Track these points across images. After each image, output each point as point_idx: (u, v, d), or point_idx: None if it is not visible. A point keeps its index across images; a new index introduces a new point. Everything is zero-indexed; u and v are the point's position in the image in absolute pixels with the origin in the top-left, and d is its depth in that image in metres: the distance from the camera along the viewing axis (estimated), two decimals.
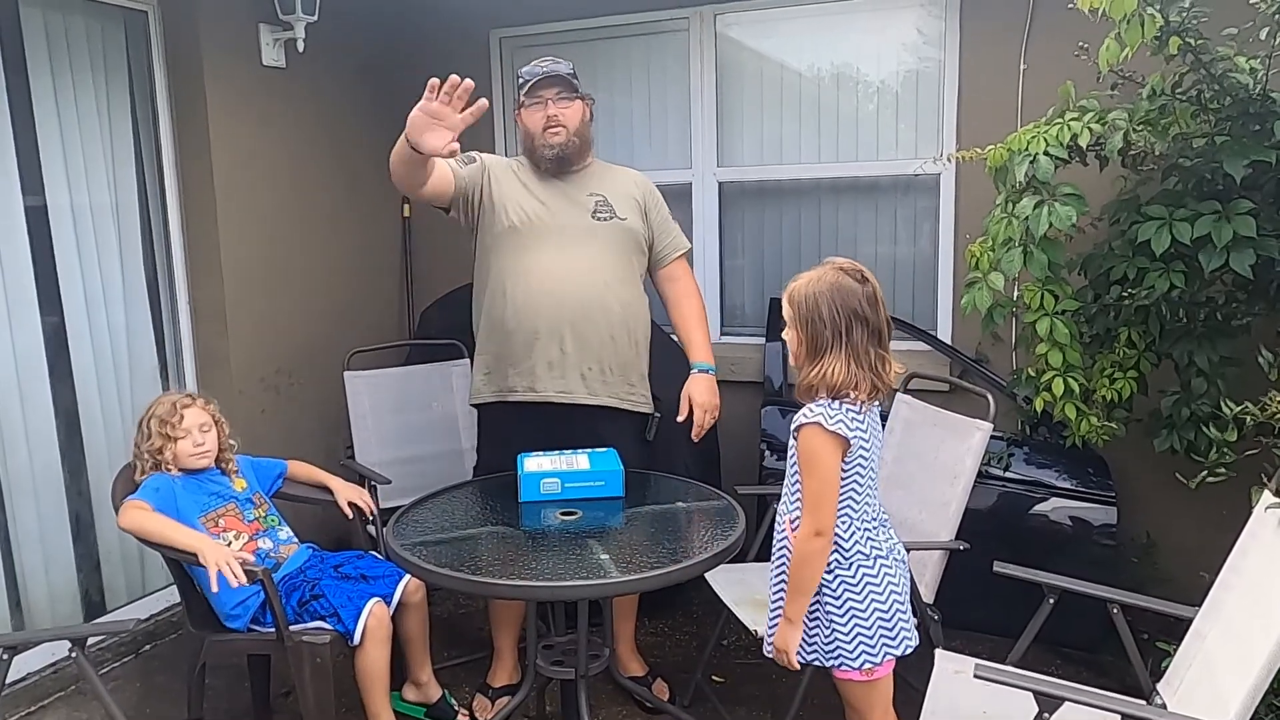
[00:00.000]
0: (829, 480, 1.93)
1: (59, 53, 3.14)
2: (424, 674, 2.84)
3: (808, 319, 1.94)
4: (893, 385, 2.01)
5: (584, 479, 2.53)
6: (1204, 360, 2.77)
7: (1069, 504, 3.17)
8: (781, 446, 3.51)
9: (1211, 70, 2.51)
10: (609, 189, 2.82)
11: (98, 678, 2.18)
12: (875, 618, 1.98)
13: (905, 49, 3.71)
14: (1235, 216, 2.50)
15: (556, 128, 2.71)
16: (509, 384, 2.79)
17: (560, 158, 2.74)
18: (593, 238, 2.75)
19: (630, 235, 2.81)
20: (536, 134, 2.74)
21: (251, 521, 2.72)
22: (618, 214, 2.79)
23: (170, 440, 2.63)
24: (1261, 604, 1.89)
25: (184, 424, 2.65)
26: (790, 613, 2.01)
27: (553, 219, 2.74)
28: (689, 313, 2.95)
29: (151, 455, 2.63)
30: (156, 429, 2.64)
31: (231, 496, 2.72)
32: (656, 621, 3.52)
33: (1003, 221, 2.72)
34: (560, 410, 2.75)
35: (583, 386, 2.76)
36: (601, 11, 4.02)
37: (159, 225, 3.52)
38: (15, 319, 3.06)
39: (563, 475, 2.52)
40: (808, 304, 1.94)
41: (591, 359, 2.74)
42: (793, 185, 3.99)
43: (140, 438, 2.67)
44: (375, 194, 4.24)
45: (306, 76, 3.81)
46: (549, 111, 2.70)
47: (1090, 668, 3.09)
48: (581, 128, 2.77)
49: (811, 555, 1.95)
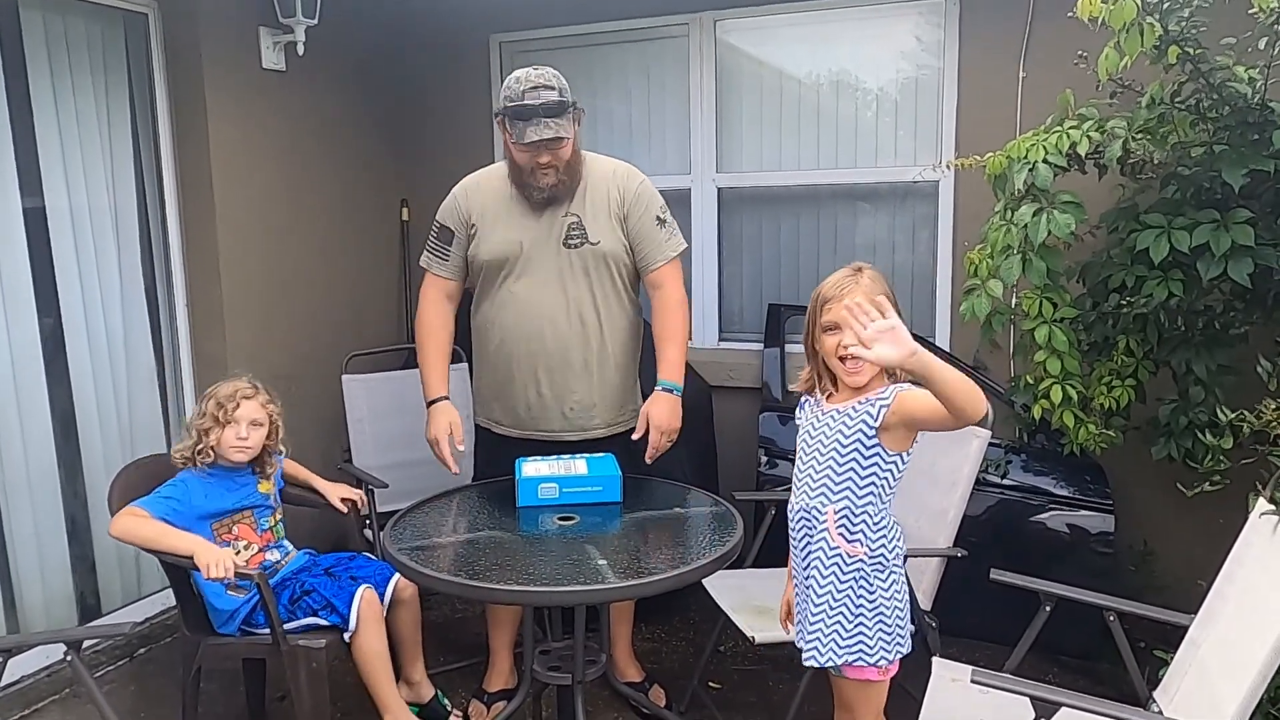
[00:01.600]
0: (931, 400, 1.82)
1: (58, 55, 3.14)
2: (416, 672, 2.84)
3: (892, 301, 1.88)
4: None
5: (582, 484, 2.52)
6: (1202, 368, 2.77)
7: (1066, 512, 3.18)
8: (780, 452, 3.51)
9: (1210, 79, 2.52)
10: (588, 204, 2.69)
11: (93, 681, 2.17)
12: (895, 618, 1.99)
13: (904, 56, 3.72)
14: (1234, 225, 2.51)
15: (547, 169, 2.59)
16: (494, 416, 2.82)
17: (550, 200, 2.65)
18: (566, 267, 2.67)
19: (604, 256, 2.69)
20: (525, 170, 2.61)
21: (264, 532, 2.71)
22: (590, 238, 2.67)
23: (219, 424, 2.60)
24: (1256, 611, 1.89)
25: (237, 412, 2.61)
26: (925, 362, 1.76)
27: (525, 252, 2.67)
28: (666, 327, 2.75)
29: (199, 434, 2.60)
30: (211, 409, 2.61)
31: (250, 503, 2.68)
32: (653, 627, 3.52)
33: (1002, 229, 2.72)
34: (546, 444, 2.75)
35: (565, 424, 2.76)
36: (601, 17, 4.03)
37: (157, 228, 3.52)
38: (12, 321, 3.05)
39: (560, 480, 2.51)
40: (886, 291, 1.95)
41: (572, 399, 2.73)
42: (791, 192, 3.99)
43: (196, 413, 2.65)
44: (374, 197, 4.25)
45: (306, 80, 3.82)
46: (540, 160, 2.57)
47: (1087, 675, 3.09)
48: (573, 159, 2.64)
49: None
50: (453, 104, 4.35)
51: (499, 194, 2.73)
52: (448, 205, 2.79)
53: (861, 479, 1.99)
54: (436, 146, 4.37)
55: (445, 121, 4.37)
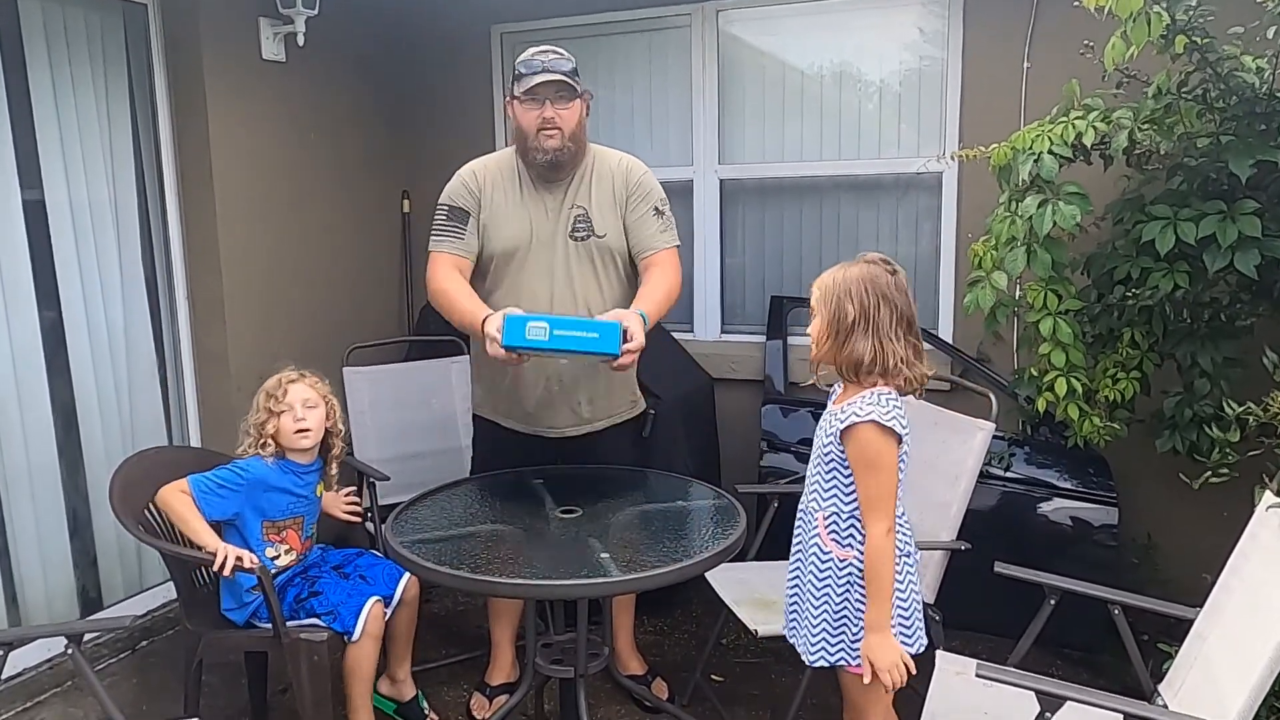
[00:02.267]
0: (892, 477, 1.91)
1: (58, 46, 3.13)
2: (402, 671, 2.82)
3: (831, 297, 1.94)
4: (925, 379, 1.98)
5: (576, 328, 2.30)
6: (1207, 361, 2.76)
7: (1070, 504, 3.17)
8: (782, 444, 3.50)
9: (1218, 69, 2.50)
10: (594, 196, 2.69)
11: (94, 674, 2.16)
12: (897, 615, 1.97)
13: (908, 47, 3.69)
14: (1240, 216, 2.49)
15: (552, 130, 2.57)
16: (499, 411, 2.79)
17: (554, 164, 2.62)
18: (573, 259, 2.66)
19: (610, 249, 2.69)
20: (530, 134, 2.59)
21: (308, 538, 2.70)
22: (595, 230, 2.67)
23: (274, 415, 2.57)
24: (1262, 606, 1.88)
25: (287, 398, 2.58)
26: (878, 620, 1.92)
27: (535, 242, 2.66)
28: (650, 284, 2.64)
29: (257, 430, 2.57)
30: (263, 402, 2.59)
31: (304, 510, 2.67)
32: (656, 620, 3.51)
33: (1006, 220, 2.71)
34: (553, 440, 2.73)
35: (574, 418, 2.73)
36: (604, 7, 4.01)
37: (157, 220, 3.51)
38: (13, 315, 3.04)
39: (552, 321, 2.30)
40: (835, 286, 1.95)
41: (581, 393, 2.71)
42: (794, 183, 3.97)
43: (250, 413, 2.61)
44: (375, 189, 4.23)
45: (306, 71, 3.80)
46: (545, 114, 2.56)
47: (1090, 669, 3.08)
48: (578, 129, 2.63)
49: (886, 555, 1.91)
50: (454, 95, 4.33)
51: (505, 181, 2.71)
52: (456, 188, 2.72)
53: (845, 484, 1.98)
54: (438, 138, 4.36)
55: (447, 113, 4.35)
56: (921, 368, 1.97)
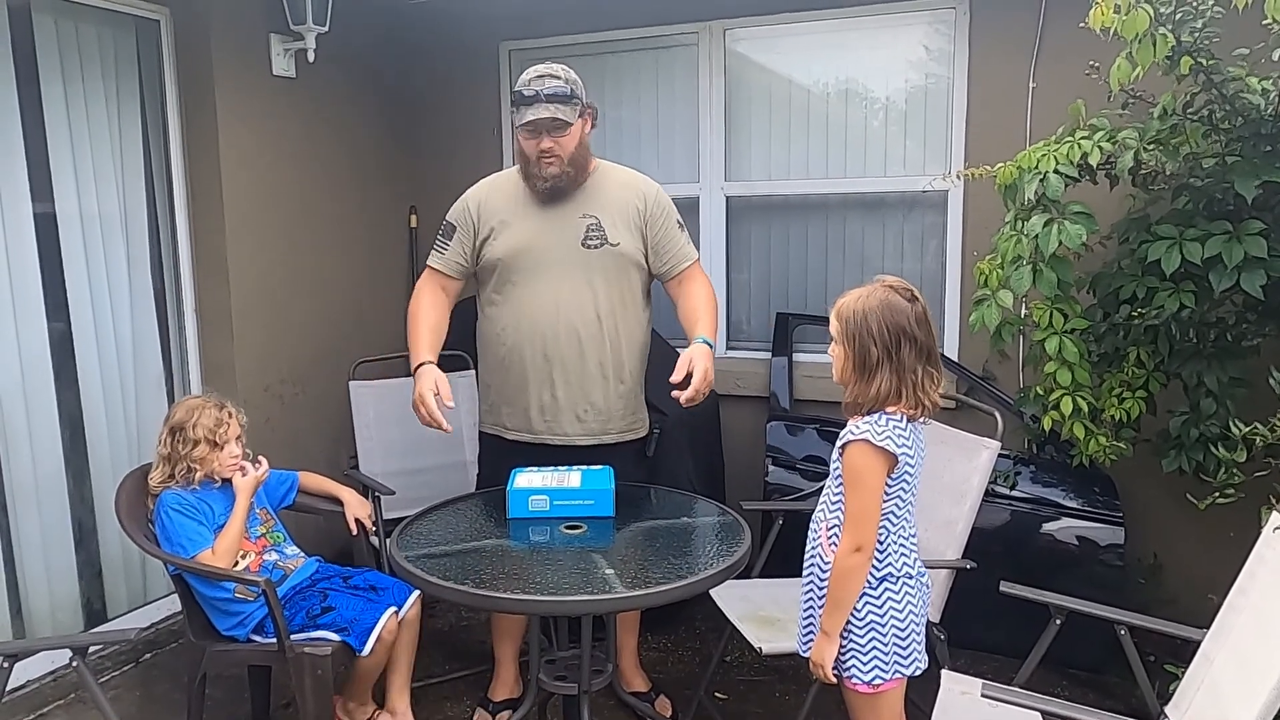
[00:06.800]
0: (873, 497, 1.92)
1: (70, 61, 3.15)
2: (402, 703, 2.72)
3: (855, 335, 1.94)
4: (938, 405, 2.00)
5: (573, 497, 2.47)
6: (1213, 381, 2.76)
7: (1076, 524, 3.16)
8: (787, 461, 3.50)
9: (1223, 90, 2.51)
10: (605, 206, 2.71)
11: (98, 686, 2.17)
12: (892, 636, 1.97)
13: (913, 66, 3.71)
14: (1246, 237, 2.49)
15: (551, 158, 2.61)
16: (503, 422, 2.80)
17: (554, 190, 2.66)
18: (584, 267, 2.67)
19: (624, 259, 2.71)
20: (530, 160, 2.64)
21: (257, 539, 2.71)
22: (609, 239, 2.68)
23: (217, 448, 2.61)
24: (1269, 627, 1.87)
25: (229, 433, 2.64)
26: (828, 626, 1.99)
27: (542, 250, 2.67)
28: (698, 299, 2.73)
29: (193, 462, 2.59)
30: (205, 436, 2.60)
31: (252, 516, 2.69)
32: (660, 637, 3.50)
33: (1012, 239, 2.71)
34: (557, 449, 2.73)
35: (578, 428, 2.74)
36: (611, 25, 4.04)
37: (166, 233, 3.53)
38: (22, 325, 3.05)
39: (551, 493, 2.48)
40: (856, 320, 1.95)
41: (585, 402, 2.72)
42: (800, 200, 3.99)
43: (178, 443, 2.60)
44: (382, 203, 4.25)
45: (316, 87, 3.83)
46: (543, 145, 2.59)
47: (1096, 689, 3.06)
48: (578, 153, 2.65)
49: (852, 570, 1.94)
50: (463, 112, 4.35)
51: (513, 196, 2.74)
52: (457, 204, 2.81)
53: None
54: (446, 154, 4.38)
55: (455, 129, 4.37)
56: (936, 395, 1.97)
